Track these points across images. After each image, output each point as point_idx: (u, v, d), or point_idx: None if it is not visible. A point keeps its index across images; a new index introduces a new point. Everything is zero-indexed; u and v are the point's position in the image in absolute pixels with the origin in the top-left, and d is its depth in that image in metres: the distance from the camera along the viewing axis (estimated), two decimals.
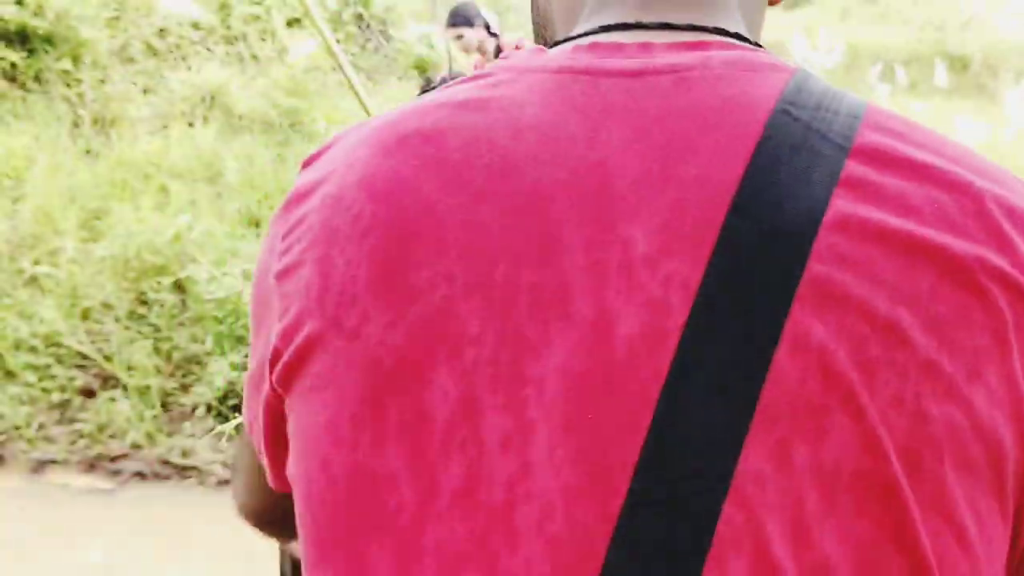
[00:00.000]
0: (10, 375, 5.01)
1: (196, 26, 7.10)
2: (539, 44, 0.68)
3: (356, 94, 3.40)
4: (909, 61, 9.44)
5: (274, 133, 6.33)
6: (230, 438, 5.04)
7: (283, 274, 0.51)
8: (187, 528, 4.68)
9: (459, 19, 4.07)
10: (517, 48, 4.01)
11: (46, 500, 4.76)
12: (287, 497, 0.53)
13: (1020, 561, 0.48)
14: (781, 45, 10.55)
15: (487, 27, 4.04)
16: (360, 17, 7.76)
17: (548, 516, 0.43)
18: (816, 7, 11.03)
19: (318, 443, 0.47)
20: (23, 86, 6.21)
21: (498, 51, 4.05)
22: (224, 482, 4.91)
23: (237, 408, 5.05)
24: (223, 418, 5.02)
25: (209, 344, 4.99)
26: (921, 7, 10.74)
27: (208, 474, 4.93)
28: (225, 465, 4.99)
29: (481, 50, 4.09)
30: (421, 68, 7.67)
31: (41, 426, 4.95)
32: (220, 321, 4.98)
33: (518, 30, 6.22)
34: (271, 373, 0.52)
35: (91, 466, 4.96)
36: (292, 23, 7.47)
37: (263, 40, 7.23)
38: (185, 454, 4.96)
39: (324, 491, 0.47)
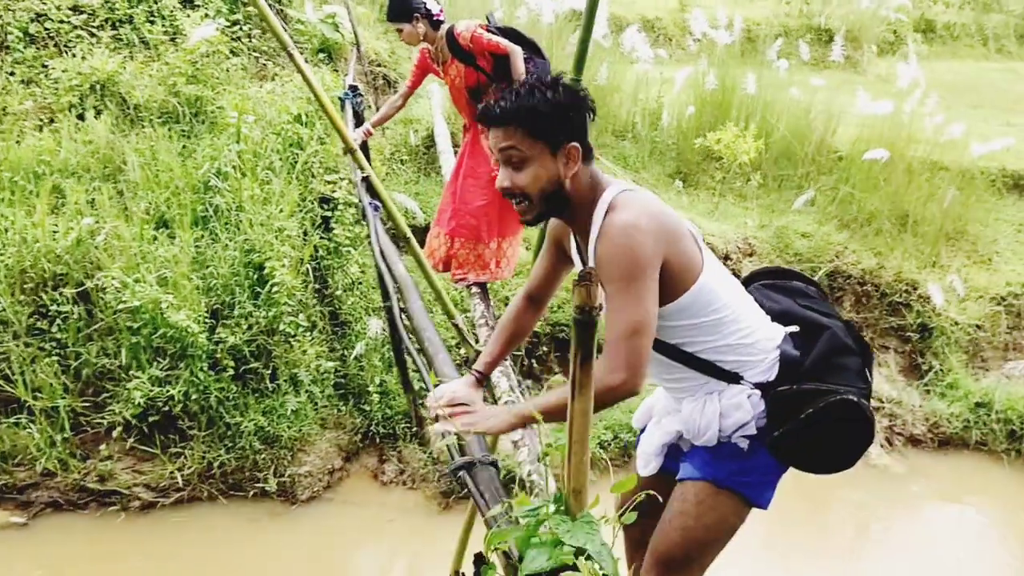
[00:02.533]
0: None
1: (76, 8, 6.50)
2: None
3: (307, 81, 3.13)
4: (779, 36, 9.65)
5: (177, 124, 5.85)
6: (152, 457, 4.65)
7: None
8: (113, 561, 4.30)
9: (394, 14, 3.77)
10: (475, 35, 3.72)
11: None
12: None
13: None
14: (682, 23, 10.60)
15: (429, 15, 3.73)
16: None
17: None
18: None
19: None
20: None
21: (451, 37, 3.76)
22: (150, 505, 4.51)
23: (159, 425, 4.64)
24: (145, 437, 4.60)
25: (123, 358, 4.56)
26: None
27: (131, 499, 4.53)
28: (149, 487, 4.58)
29: (428, 39, 3.81)
30: (328, 51, 7.26)
31: None
32: (135, 332, 4.56)
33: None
34: None
35: None
36: (185, 2, 6.95)
37: (151, 22, 6.69)
38: (104, 479, 4.54)
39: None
